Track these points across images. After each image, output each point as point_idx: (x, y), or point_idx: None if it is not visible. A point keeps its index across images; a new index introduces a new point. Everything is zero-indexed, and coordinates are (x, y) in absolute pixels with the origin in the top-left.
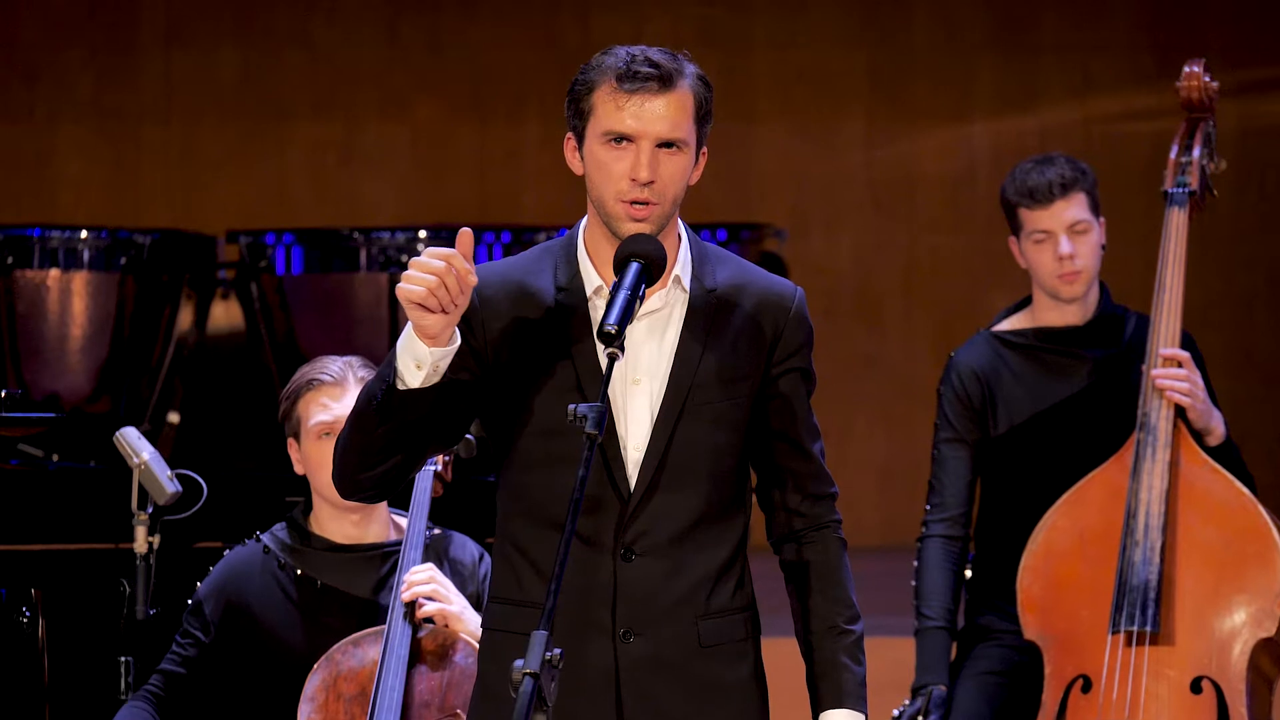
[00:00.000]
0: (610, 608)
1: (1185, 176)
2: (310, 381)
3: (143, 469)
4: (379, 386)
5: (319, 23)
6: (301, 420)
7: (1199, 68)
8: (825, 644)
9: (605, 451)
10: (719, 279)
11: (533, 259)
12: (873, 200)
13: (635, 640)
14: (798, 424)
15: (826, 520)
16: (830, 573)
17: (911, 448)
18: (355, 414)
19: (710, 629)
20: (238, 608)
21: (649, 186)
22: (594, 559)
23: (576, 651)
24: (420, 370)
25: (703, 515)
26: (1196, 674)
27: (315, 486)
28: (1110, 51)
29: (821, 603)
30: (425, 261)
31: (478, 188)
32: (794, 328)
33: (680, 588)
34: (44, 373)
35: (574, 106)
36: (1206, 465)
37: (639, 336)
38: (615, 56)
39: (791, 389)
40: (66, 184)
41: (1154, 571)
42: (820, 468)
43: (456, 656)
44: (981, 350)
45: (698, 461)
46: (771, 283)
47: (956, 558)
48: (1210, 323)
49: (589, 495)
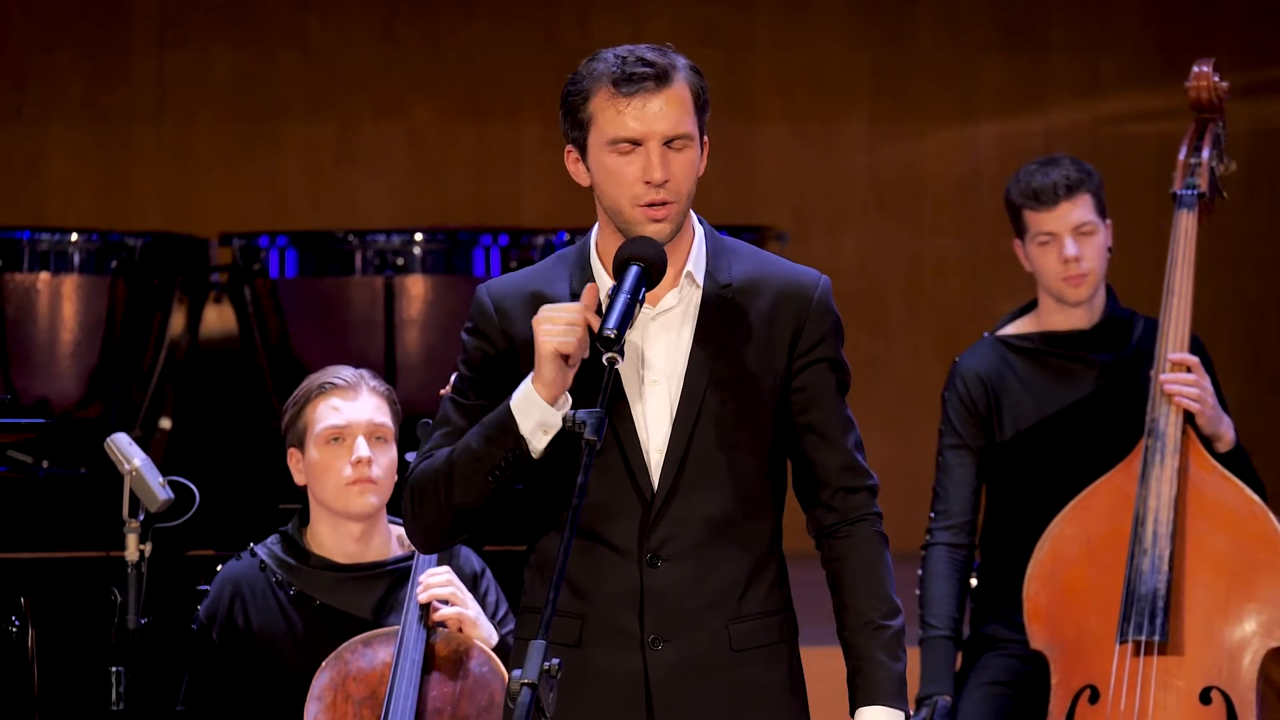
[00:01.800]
0: (638, 615)
1: (1194, 178)
2: (321, 386)
3: (134, 476)
4: (500, 454)
5: (314, 22)
6: (309, 425)
7: (1208, 67)
8: (860, 640)
9: (627, 456)
10: (734, 274)
11: (547, 268)
12: (876, 202)
13: (665, 647)
14: (826, 416)
15: (862, 514)
16: (866, 567)
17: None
18: (459, 478)
19: (742, 632)
20: (239, 629)
21: (664, 186)
22: (620, 566)
23: (606, 660)
24: (547, 435)
25: (730, 516)
26: (1206, 684)
27: (317, 497)
28: (1118, 51)
29: (856, 598)
30: (562, 313)
31: (476, 189)
32: (817, 318)
33: (709, 591)
34: (33, 378)
35: (571, 118)
36: (1216, 472)
37: (654, 337)
38: (605, 62)
39: (818, 380)
40: (57, 186)
41: (1162, 580)
42: (852, 460)
43: (471, 664)
44: (986, 355)
45: (720, 461)
46: (793, 274)
47: (961, 566)
48: (1220, 327)
49: (613, 502)
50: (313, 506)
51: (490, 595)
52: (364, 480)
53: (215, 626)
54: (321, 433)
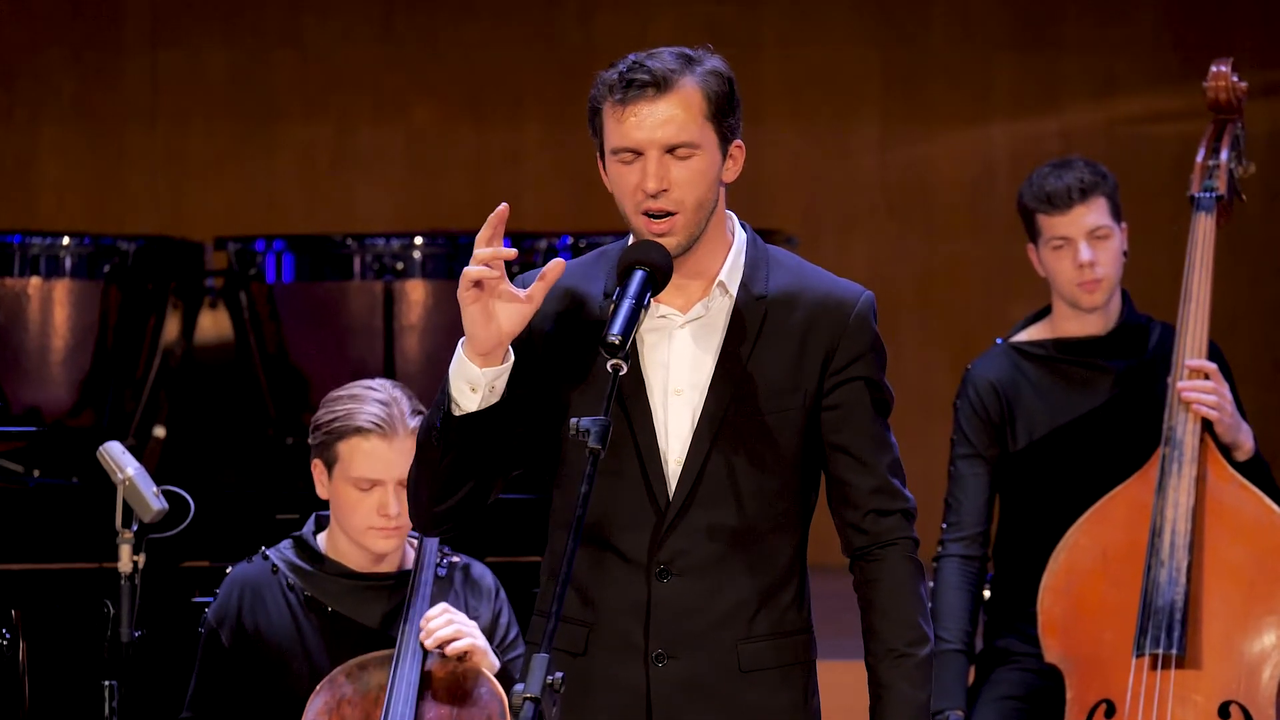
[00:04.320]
0: (644, 628)
1: (1212, 180)
2: (359, 428)
3: (127, 485)
4: (436, 415)
5: (310, 21)
6: (340, 459)
7: (1226, 67)
8: (884, 668)
9: (646, 466)
10: (771, 285)
11: (588, 264)
12: (887, 206)
13: (670, 663)
14: (859, 436)
15: (893, 538)
16: (895, 593)
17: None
18: (418, 447)
19: (752, 653)
20: (250, 632)
21: (663, 196)
22: (629, 576)
23: (608, 672)
24: (475, 393)
25: (746, 533)
26: (1224, 699)
27: (338, 521)
28: (1135, 50)
29: (883, 625)
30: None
31: (476, 192)
32: (853, 336)
33: (720, 609)
34: (24, 385)
35: (592, 125)
36: (1234, 481)
37: (680, 346)
38: (615, 68)
39: (851, 399)
40: (48, 188)
41: (1180, 592)
42: (886, 482)
43: (469, 686)
44: (999, 362)
45: (739, 476)
46: (833, 288)
47: (974, 578)
48: (1239, 333)
49: (627, 511)
50: (333, 517)
51: (503, 617)
52: (388, 530)
53: (225, 630)
54: (354, 478)
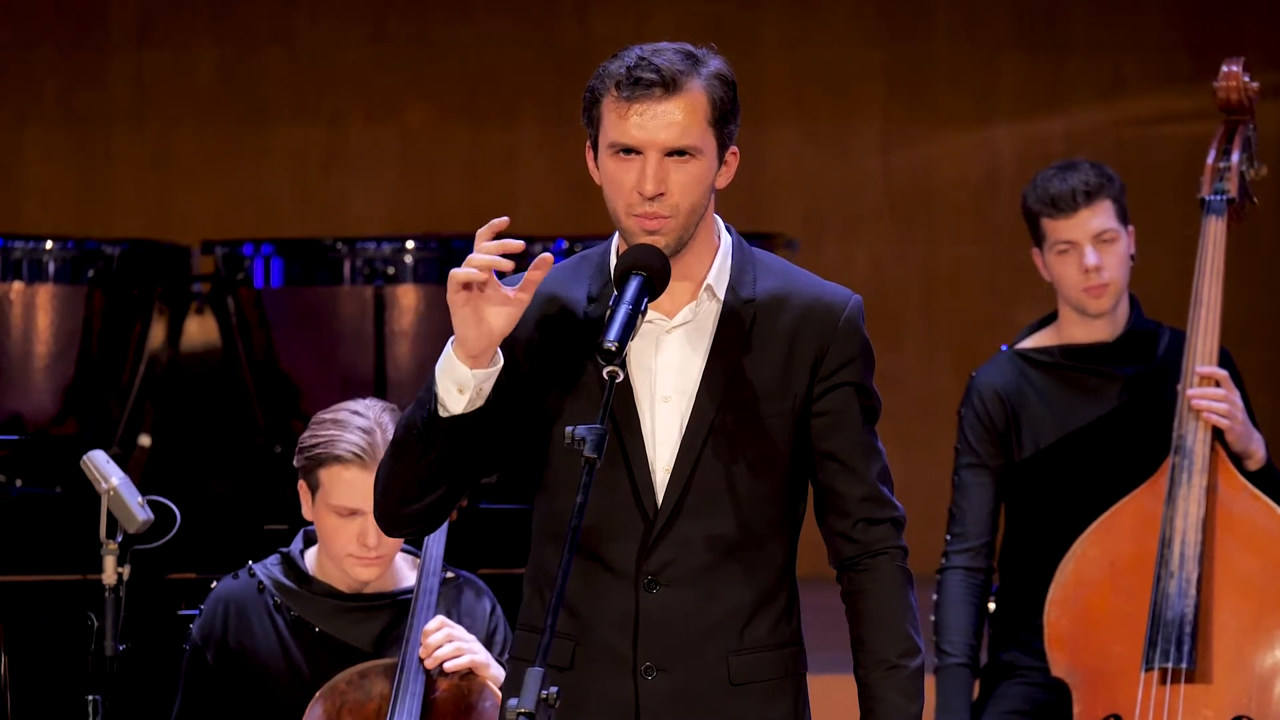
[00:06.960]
0: (632, 640)
1: (1223, 183)
2: (339, 456)
3: (112, 495)
4: (419, 414)
5: (301, 20)
6: (321, 486)
7: (1238, 67)
8: (874, 680)
9: (634, 474)
10: (759, 289)
11: (571, 268)
12: (890, 208)
13: (659, 676)
14: (848, 443)
15: (883, 547)
16: (885, 603)
17: (931, 472)
18: (395, 444)
19: (742, 665)
20: (236, 652)
21: (659, 199)
22: (616, 587)
23: (596, 685)
24: (463, 395)
25: (735, 542)
26: (1235, 714)
27: (325, 551)
28: (1143, 50)
29: (873, 636)
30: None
31: (470, 195)
32: (843, 340)
33: (709, 620)
34: (6, 392)
35: (587, 114)
36: (1246, 491)
37: (668, 352)
38: (621, 60)
39: (840, 406)
40: (32, 191)
41: (1190, 604)
42: (875, 490)
43: (473, 699)
44: (1004, 369)
45: (728, 484)
46: (821, 292)
47: (979, 590)
48: (1250, 339)
49: (614, 521)
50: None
51: (499, 635)
52: (367, 559)
53: (210, 648)
54: (333, 505)
